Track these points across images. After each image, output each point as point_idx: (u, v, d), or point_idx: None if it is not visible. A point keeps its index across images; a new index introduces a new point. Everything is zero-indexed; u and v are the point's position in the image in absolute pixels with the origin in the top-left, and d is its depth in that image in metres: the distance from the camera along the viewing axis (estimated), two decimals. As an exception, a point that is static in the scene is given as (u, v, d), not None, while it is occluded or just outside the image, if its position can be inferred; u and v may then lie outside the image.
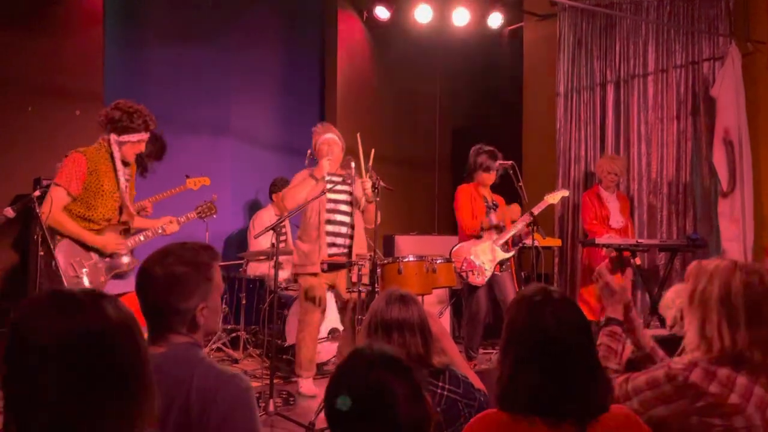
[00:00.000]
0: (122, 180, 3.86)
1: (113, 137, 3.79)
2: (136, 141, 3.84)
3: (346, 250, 4.60)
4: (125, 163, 3.91)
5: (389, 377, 1.30)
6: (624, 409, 1.68)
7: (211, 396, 1.62)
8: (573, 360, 1.58)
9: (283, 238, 5.91)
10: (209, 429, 1.60)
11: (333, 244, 4.56)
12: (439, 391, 2.19)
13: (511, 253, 5.21)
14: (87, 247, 3.77)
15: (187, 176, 4.67)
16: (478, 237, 5.21)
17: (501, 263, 5.19)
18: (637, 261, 5.57)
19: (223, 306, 5.78)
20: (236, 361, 5.35)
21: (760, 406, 1.72)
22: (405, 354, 2.14)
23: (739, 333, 1.75)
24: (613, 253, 5.36)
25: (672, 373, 1.78)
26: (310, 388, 4.48)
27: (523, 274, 6.18)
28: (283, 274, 5.75)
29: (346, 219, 4.63)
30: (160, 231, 4.04)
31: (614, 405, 1.63)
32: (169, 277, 1.71)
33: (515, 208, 5.25)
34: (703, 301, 1.82)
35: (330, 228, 4.56)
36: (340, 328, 5.07)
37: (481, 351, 5.55)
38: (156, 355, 1.67)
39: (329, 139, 4.62)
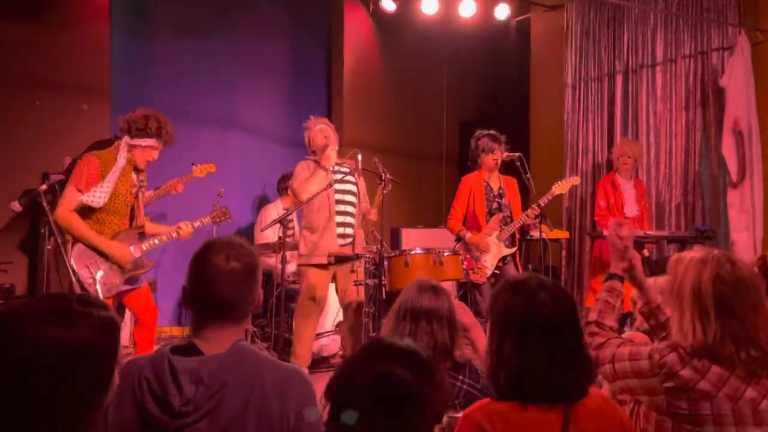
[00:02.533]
0: (131, 184, 3.83)
1: (125, 139, 3.76)
2: (145, 146, 3.79)
3: (351, 241, 4.61)
4: (137, 170, 3.88)
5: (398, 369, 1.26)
6: (600, 392, 1.73)
7: (284, 393, 1.60)
8: (569, 340, 1.64)
9: (290, 231, 5.91)
10: (290, 423, 1.58)
11: (341, 235, 4.58)
12: (458, 384, 2.21)
13: (515, 249, 5.17)
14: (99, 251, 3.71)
15: (193, 164, 4.70)
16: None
17: (503, 258, 5.16)
18: (645, 253, 5.53)
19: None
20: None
21: (733, 397, 1.74)
22: (432, 343, 2.15)
23: (710, 327, 1.77)
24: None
25: (652, 352, 1.84)
26: None
27: (530, 266, 6.16)
28: (291, 268, 5.76)
29: (352, 210, 4.66)
30: (174, 235, 3.99)
31: (591, 388, 1.68)
32: (239, 270, 1.67)
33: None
34: (679, 295, 1.86)
35: (339, 219, 4.58)
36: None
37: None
38: (221, 355, 1.60)
39: (324, 129, 4.66)
